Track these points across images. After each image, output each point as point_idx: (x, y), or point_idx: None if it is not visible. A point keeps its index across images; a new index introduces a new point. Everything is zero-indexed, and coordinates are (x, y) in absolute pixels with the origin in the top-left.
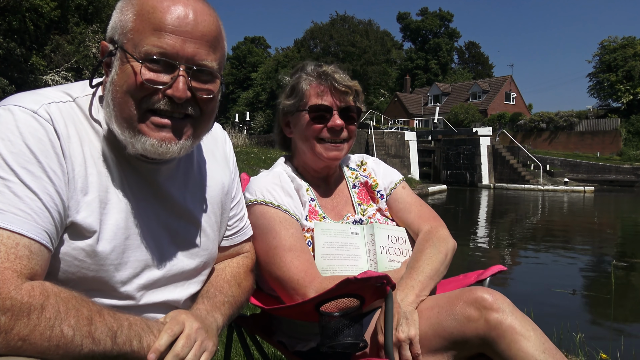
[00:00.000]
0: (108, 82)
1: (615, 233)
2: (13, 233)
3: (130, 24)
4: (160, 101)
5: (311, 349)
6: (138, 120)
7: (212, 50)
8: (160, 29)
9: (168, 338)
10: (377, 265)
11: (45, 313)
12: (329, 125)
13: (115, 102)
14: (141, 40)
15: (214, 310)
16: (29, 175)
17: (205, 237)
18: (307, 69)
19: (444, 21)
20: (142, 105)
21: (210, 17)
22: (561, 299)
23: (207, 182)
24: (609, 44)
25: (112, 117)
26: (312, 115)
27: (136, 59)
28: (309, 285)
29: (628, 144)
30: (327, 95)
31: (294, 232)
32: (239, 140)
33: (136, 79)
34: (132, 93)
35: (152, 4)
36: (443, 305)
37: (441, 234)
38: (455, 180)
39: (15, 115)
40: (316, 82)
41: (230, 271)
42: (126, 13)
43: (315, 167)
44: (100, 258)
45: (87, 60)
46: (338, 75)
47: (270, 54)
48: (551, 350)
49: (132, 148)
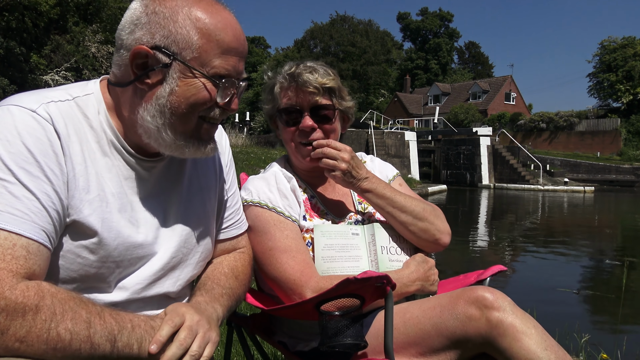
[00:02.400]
0: (163, 91)
1: (615, 233)
2: (10, 233)
3: (195, 41)
4: (216, 112)
5: (312, 349)
6: (194, 128)
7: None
8: (228, 52)
9: (169, 329)
10: (379, 266)
11: (40, 314)
12: (300, 127)
13: (178, 112)
14: (210, 60)
15: (213, 301)
16: (26, 175)
17: (202, 230)
18: (281, 71)
19: (444, 21)
20: (199, 115)
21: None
22: (563, 299)
23: (203, 176)
24: (609, 44)
25: (167, 125)
26: (284, 119)
27: (206, 77)
28: (305, 285)
29: (628, 144)
30: (295, 96)
31: (289, 234)
32: (239, 140)
33: (210, 96)
34: (199, 106)
35: (215, 24)
36: (445, 304)
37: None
38: (455, 180)
39: (14, 115)
40: (286, 83)
41: (227, 264)
42: (183, 27)
43: (304, 169)
44: (103, 255)
45: (87, 60)
46: (306, 75)
47: (270, 54)
48: (553, 347)
49: (176, 151)
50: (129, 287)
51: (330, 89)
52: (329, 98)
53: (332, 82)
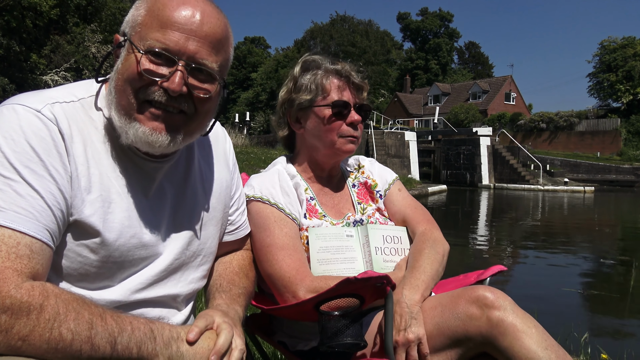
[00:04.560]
0: (114, 71)
1: (615, 232)
2: (14, 232)
3: (140, 18)
4: (156, 92)
5: (312, 349)
6: (136, 109)
7: (214, 52)
8: (166, 26)
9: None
10: (373, 267)
11: (44, 314)
12: (348, 121)
13: (117, 89)
14: (147, 34)
15: (233, 302)
16: (31, 174)
17: (207, 233)
18: (325, 65)
19: (444, 21)
20: (139, 95)
21: (217, 20)
22: (564, 299)
23: (208, 180)
24: (609, 44)
25: (113, 104)
26: (335, 111)
27: (139, 50)
28: (300, 283)
29: (628, 144)
30: (345, 91)
31: (288, 232)
32: (239, 140)
33: (137, 69)
34: (132, 82)
35: (163, 2)
36: (446, 304)
37: (436, 236)
38: (455, 180)
39: (19, 115)
40: (336, 77)
41: (237, 263)
42: (139, 9)
43: (326, 163)
44: (104, 255)
45: (87, 60)
46: (354, 74)
47: (270, 54)
48: (553, 347)
49: (125, 136)
50: (131, 287)
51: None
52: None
53: (367, 85)
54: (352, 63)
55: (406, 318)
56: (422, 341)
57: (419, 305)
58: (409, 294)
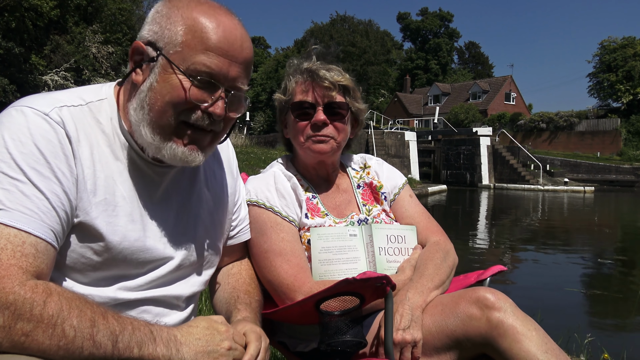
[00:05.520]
0: (145, 86)
1: (615, 233)
2: (20, 231)
3: (180, 37)
4: (199, 116)
5: (312, 350)
6: (174, 130)
7: (248, 75)
8: (211, 49)
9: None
10: (376, 267)
11: (48, 310)
12: (312, 122)
13: (154, 109)
14: (191, 56)
15: (256, 315)
16: (37, 175)
17: (210, 237)
18: (295, 65)
19: (444, 21)
20: (179, 117)
21: (250, 43)
22: (565, 299)
23: (213, 186)
24: (609, 44)
25: (145, 121)
26: (296, 113)
27: (184, 74)
28: (298, 289)
29: (628, 144)
30: (310, 91)
31: (285, 236)
32: (239, 140)
33: (185, 94)
34: (175, 105)
35: (204, 23)
36: (447, 304)
37: (449, 248)
38: (455, 180)
39: (27, 117)
40: (301, 78)
41: (246, 273)
42: (175, 24)
43: (310, 164)
44: (107, 258)
45: (87, 60)
46: (322, 71)
47: (270, 54)
48: (554, 350)
49: (156, 152)
50: (134, 287)
51: (345, 87)
52: (342, 96)
53: (347, 81)
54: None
55: (406, 319)
56: (417, 345)
57: (421, 310)
58: (413, 297)
